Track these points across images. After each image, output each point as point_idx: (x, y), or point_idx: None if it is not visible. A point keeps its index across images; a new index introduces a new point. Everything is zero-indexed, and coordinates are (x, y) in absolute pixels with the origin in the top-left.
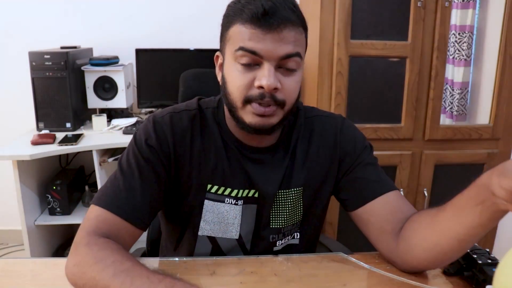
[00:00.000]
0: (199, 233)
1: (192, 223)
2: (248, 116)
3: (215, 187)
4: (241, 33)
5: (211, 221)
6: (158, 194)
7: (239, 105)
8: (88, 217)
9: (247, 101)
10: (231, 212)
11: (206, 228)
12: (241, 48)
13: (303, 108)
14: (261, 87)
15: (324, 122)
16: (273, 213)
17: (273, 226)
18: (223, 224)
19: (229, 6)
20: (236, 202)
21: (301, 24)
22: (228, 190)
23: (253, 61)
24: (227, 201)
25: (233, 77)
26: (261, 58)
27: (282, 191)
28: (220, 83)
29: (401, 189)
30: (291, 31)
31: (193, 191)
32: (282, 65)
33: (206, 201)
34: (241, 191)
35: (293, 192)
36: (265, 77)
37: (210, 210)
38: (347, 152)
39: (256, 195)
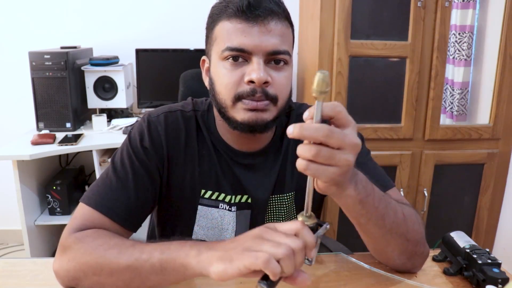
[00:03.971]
0: (193, 236)
1: (185, 227)
2: (240, 113)
3: (209, 192)
4: (227, 30)
5: (205, 226)
6: (150, 197)
7: (229, 103)
8: (75, 216)
9: (238, 98)
10: (225, 218)
11: (200, 232)
12: (228, 48)
13: (295, 107)
14: (251, 81)
15: None
16: (268, 219)
17: None
18: (217, 230)
19: (212, 7)
20: (230, 208)
21: (287, 18)
22: (222, 195)
23: (241, 56)
24: (221, 206)
25: (221, 75)
26: (249, 54)
27: (276, 196)
28: (208, 86)
29: (401, 189)
30: (277, 24)
31: (186, 196)
32: (271, 60)
33: (200, 207)
34: (233, 196)
35: (286, 197)
36: (255, 71)
37: (204, 215)
38: None
39: (249, 200)
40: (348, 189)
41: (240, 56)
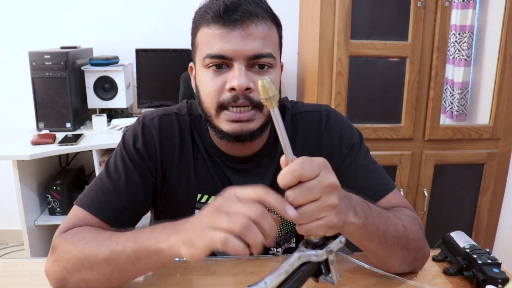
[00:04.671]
0: None
1: None
2: (224, 123)
3: (205, 197)
4: (207, 37)
5: None
6: (142, 199)
7: (213, 112)
8: (67, 217)
9: (221, 107)
10: None
11: None
12: (208, 56)
13: (290, 106)
14: (232, 89)
15: (307, 120)
16: None
17: None
18: None
19: (195, 12)
20: None
21: (270, 18)
22: None
23: (223, 63)
24: None
25: (204, 84)
26: (230, 60)
27: None
28: (195, 94)
29: (401, 189)
30: (258, 26)
31: (182, 200)
32: (254, 64)
33: (197, 211)
34: None
35: None
36: (236, 77)
37: None
38: (333, 152)
39: None
40: (348, 217)
41: (221, 63)
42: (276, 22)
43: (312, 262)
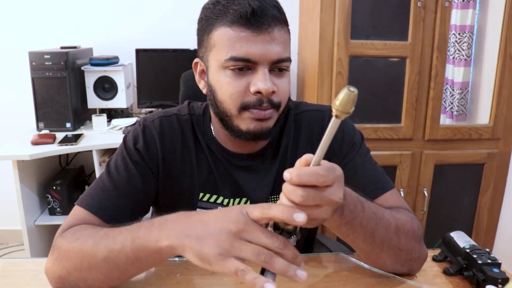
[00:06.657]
0: None
1: None
2: (246, 122)
3: (207, 195)
4: (230, 38)
5: None
6: (143, 199)
7: (234, 113)
8: (68, 217)
9: (244, 107)
10: None
11: None
12: (233, 58)
13: (293, 106)
14: (258, 92)
15: (311, 118)
16: None
17: None
18: None
19: (206, 8)
20: None
21: (286, 23)
22: (221, 198)
23: (246, 66)
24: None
25: (224, 84)
26: (255, 64)
27: (274, 196)
28: (206, 92)
29: (401, 189)
30: (280, 31)
31: (184, 199)
32: (275, 68)
33: (198, 209)
34: (231, 200)
35: None
36: (262, 81)
37: None
38: (334, 150)
39: (248, 203)
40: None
41: (245, 66)
42: (288, 26)
43: None
